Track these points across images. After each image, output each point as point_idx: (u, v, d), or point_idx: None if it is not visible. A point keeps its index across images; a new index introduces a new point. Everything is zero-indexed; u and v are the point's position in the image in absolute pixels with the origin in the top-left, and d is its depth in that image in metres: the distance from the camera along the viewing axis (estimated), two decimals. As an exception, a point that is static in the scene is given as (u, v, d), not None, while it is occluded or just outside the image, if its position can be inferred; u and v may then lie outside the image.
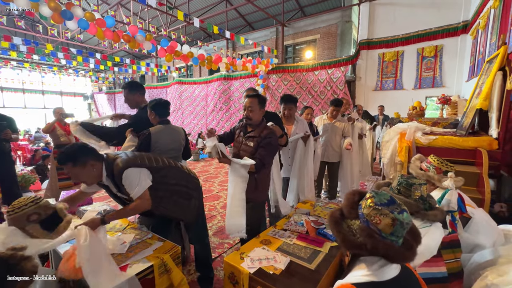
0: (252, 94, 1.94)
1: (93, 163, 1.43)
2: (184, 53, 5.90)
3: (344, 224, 0.85)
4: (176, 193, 1.67)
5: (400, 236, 0.75)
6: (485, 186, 2.07)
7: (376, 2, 7.05)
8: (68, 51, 8.83)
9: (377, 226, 0.75)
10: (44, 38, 10.91)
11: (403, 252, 0.74)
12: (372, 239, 0.74)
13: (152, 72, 10.85)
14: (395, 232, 0.74)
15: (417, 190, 1.15)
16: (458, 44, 5.96)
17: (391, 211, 0.74)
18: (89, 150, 1.45)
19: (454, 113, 4.17)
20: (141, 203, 1.47)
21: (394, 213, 0.74)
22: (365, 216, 0.78)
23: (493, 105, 2.38)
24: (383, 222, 0.74)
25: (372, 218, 0.77)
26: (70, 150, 1.37)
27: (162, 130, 1.95)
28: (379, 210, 0.75)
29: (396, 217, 0.73)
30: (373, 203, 0.77)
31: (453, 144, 2.49)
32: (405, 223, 0.73)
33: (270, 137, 1.83)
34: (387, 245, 0.73)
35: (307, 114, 3.18)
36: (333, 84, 7.57)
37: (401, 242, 0.76)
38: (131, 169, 1.46)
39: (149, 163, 1.56)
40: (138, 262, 1.35)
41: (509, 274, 0.91)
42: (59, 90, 16.78)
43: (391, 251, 0.73)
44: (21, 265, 0.70)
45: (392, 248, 0.73)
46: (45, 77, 14.26)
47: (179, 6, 10.54)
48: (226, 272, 1.40)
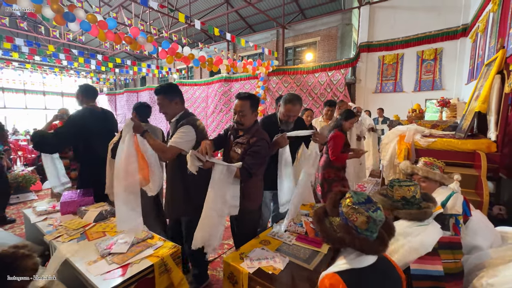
0: (244, 95, 1.70)
1: (177, 102, 1.80)
2: (185, 55, 5.93)
3: (327, 221, 0.95)
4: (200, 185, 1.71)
5: (374, 231, 0.86)
6: (483, 189, 2.08)
7: (376, 5, 7.09)
8: (69, 52, 8.87)
9: (354, 223, 0.86)
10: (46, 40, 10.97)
11: (376, 246, 0.85)
12: (350, 235, 0.85)
13: (153, 73, 10.89)
14: (370, 228, 0.85)
15: (398, 191, 1.23)
16: (458, 47, 5.99)
17: (366, 209, 0.85)
18: (179, 90, 1.83)
19: (454, 115, 4.18)
20: (167, 150, 1.62)
21: (369, 211, 0.84)
22: (344, 214, 0.89)
23: (491, 108, 2.40)
24: (359, 219, 0.85)
25: (349, 216, 0.87)
26: (164, 85, 1.77)
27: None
28: (356, 209, 0.86)
29: (370, 215, 0.84)
30: (351, 202, 0.88)
31: (452, 146, 2.51)
32: (378, 220, 0.84)
33: (259, 145, 1.62)
34: (362, 240, 0.84)
35: (306, 116, 3.16)
36: (333, 87, 7.60)
37: (376, 236, 0.87)
38: (192, 129, 1.70)
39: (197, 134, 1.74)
40: (138, 261, 1.37)
41: (505, 275, 0.93)
42: (60, 91, 16.83)
43: (365, 245, 0.84)
44: (22, 263, 0.71)
45: (366, 242, 0.84)
46: (46, 78, 14.29)
47: (180, 8, 10.60)
48: (226, 272, 1.42)
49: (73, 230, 1.71)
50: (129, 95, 14.06)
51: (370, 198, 0.88)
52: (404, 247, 1.11)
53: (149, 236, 1.62)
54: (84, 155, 2.33)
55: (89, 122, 2.24)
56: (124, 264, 1.33)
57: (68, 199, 2.05)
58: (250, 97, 1.71)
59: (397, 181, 1.29)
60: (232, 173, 1.54)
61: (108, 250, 1.44)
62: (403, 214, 1.18)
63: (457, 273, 1.07)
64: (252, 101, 1.70)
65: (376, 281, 0.85)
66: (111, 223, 1.83)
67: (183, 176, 1.71)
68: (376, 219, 0.83)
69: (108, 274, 1.26)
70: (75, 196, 2.11)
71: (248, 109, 1.68)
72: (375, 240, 0.86)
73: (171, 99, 1.77)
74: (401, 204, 1.22)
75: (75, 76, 14.31)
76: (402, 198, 1.23)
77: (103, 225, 1.79)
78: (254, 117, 1.74)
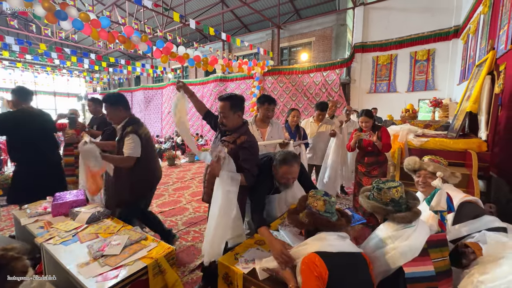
0: (223, 97, 1.69)
1: (121, 110, 2.03)
2: (179, 54, 5.89)
3: (299, 216, 1.24)
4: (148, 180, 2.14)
5: (333, 213, 1.19)
6: (474, 187, 2.11)
7: (370, 6, 7.16)
8: (62, 51, 8.74)
9: (315, 208, 1.19)
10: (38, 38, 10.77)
11: (336, 223, 1.15)
12: (314, 216, 1.16)
13: (147, 73, 10.80)
14: (327, 209, 1.17)
15: (386, 194, 1.22)
16: (450, 48, 6.09)
17: (322, 195, 1.20)
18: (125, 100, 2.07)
19: (446, 115, 4.25)
20: (125, 159, 1.91)
21: (324, 196, 1.19)
22: (308, 203, 1.24)
23: (482, 108, 2.45)
24: (318, 203, 1.19)
25: (312, 203, 1.21)
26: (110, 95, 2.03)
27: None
28: (315, 197, 1.22)
29: (325, 198, 1.19)
30: (312, 194, 1.24)
31: (444, 146, 2.55)
32: (332, 201, 1.19)
33: (245, 147, 1.62)
34: (324, 219, 1.15)
35: (293, 116, 3.02)
36: (328, 87, 7.65)
37: (336, 219, 1.18)
38: (136, 136, 1.95)
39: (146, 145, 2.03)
40: (132, 263, 1.35)
41: (495, 272, 0.94)
42: (53, 91, 16.54)
43: (327, 223, 1.14)
44: (11, 265, 0.70)
45: (328, 221, 1.14)
46: (38, 77, 14.04)
47: (175, 8, 10.53)
48: (221, 273, 1.41)
49: (65, 232, 1.68)
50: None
51: (326, 193, 1.22)
52: (392, 252, 1.11)
53: (143, 238, 1.60)
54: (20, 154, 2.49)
55: (22, 122, 2.41)
56: (117, 266, 1.31)
57: (60, 200, 2.01)
58: (229, 98, 1.69)
59: (382, 183, 1.27)
60: (237, 181, 1.53)
61: (100, 252, 1.41)
62: (398, 218, 1.16)
63: (446, 270, 1.08)
64: (232, 102, 1.67)
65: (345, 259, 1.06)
66: (104, 224, 1.80)
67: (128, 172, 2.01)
68: (330, 201, 1.18)
69: (101, 277, 1.24)
70: (67, 198, 2.08)
71: (228, 110, 1.66)
72: (335, 221, 1.16)
73: (116, 107, 2.02)
74: (392, 207, 1.21)
75: (68, 75, 14.11)
76: (391, 200, 1.21)
77: (96, 227, 1.76)
78: (237, 118, 1.71)
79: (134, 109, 13.04)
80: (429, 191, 1.51)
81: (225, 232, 1.53)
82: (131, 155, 1.93)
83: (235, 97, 1.71)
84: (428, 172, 1.58)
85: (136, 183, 2.04)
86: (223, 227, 1.51)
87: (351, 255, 1.08)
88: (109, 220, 1.89)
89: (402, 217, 1.16)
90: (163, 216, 3.37)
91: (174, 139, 9.58)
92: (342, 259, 1.05)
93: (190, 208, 3.61)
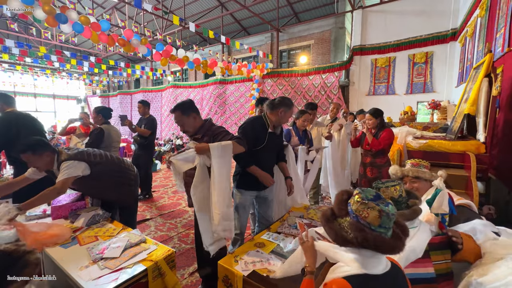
0: (172, 109, 1.76)
1: (48, 154, 1.79)
2: (179, 57, 5.92)
3: (336, 222, 0.88)
4: (114, 183, 2.02)
5: (388, 228, 0.80)
6: (473, 189, 2.13)
7: (369, 9, 7.22)
8: (61, 54, 8.76)
9: (365, 219, 0.80)
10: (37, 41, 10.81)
11: (392, 243, 0.78)
12: (362, 232, 0.79)
13: (147, 75, 10.83)
14: (383, 224, 0.78)
15: (385, 193, 1.21)
16: (448, 51, 6.13)
17: (377, 204, 0.79)
18: (46, 143, 1.83)
19: (444, 117, 4.27)
20: (59, 187, 1.72)
21: (380, 205, 0.79)
22: (354, 211, 0.83)
23: (480, 110, 2.47)
24: (371, 215, 0.79)
25: (360, 213, 0.81)
26: (30, 142, 1.76)
27: (110, 127, 3.10)
28: (366, 204, 0.80)
29: (382, 209, 0.78)
30: (360, 198, 0.82)
31: (442, 148, 2.56)
32: (391, 214, 0.79)
33: (217, 133, 1.72)
34: (376, 237, 0.77)
35: (303, 120, 2.77)
36: (327, 89, 7.68)
37: (391, 235, 0.80)
38: (72, 161, 1.80)
39: (88, 158, 1.89)
40: (131, 266, 1.35)
41: (493, 273, 0.95)
42: (52, 93, 16.55)
43: (380, 242, 0.77)
44: (25, 258, 0.73)
45: (381, 239, 0.77)
46: (37, 79, 14.05)
47: (175, 11, 10.59)
48: (220, 275, 1.41)
49: (64, 234, 1.67)
50: (123, 97, 13.92)
51: (379, 195, 0.84)
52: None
53: (143, 240, 1.60)
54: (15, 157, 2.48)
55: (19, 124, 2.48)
56: (116, 269, 1.31)
57: (59, 203, 2.01)
58: (177, 107, 1.76)
59: (381, 183, 1.27)
60: (229, 150, 1.58)
61: (100, 255, 1.41)
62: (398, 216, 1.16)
63: (448, 273, 1.08)
64: (181, 109, 1.75)
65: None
66: (103, 227, 1.80)
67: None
68: (389, 213, 0.78)
69: (100, 280, 1.24)
70: (66, 200, 2.07)
71: (181, 117, 1.75)
72: (390, 238, 0.79)
73: (40, 155, 1.77)
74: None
75: (68, 78, 14.12)
76: (391, 199, 1.21)
77: (96, 230, 1.76)
78: (193, 119, 1.78)
79: (134, 112, 13.05)
80: (421, 193, 1.53)
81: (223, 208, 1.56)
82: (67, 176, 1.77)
83: (182, 104, 1.79)
84: (411, 178, 1.62)
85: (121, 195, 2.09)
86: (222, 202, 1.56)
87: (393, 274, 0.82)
88: (108, 222, 1.88)
89: (400, 215, 1.13)
90: (163, 218, 3.36)
91: (173, 142, 9.58)
92: (386, 281, 0.80)
93: (189, 211, 3.60)
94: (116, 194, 2.06)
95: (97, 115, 3.20)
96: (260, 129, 1.95)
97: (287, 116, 1.98)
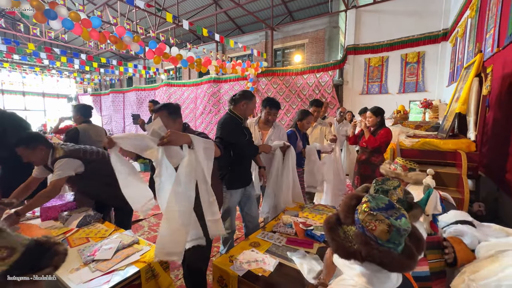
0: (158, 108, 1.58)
1: (42, 148, 1.78)
2: (173, 55, 5.84)
3: (341, 230, 0.80)
4: (107, 183, 1.84)
5: (398, 244, 0.70)
6: (464, 187, 2.16)
7: (362, 9, 7.27)
8: (51, 51, 8.53)
9: (372, 232, 0.70)
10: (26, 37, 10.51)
11: (401, 260, 0.68)
12: (367, 246, 0.70)
13: (140, 74, 10.67)
14: (392, 239, 0.69)
15: (394, 195, 1.15)
16: (439, 50, 6.23)
17: (388, 216, 0.69)
18: (41, 137, 1.84)
19: (436, 116, 4.34)
20: (50, 189, 1.73)
21: (391, 218, 0.69)
22: (361, 222, 0.74)
23: (470, 109, 2.51)
24: (378, 228, 0.69)
25: (367, 224, 0.72)
26: (24, 136, 1.79)
27: (89, 127, 2.77)
28: (374, 216, 0.71)
29: (393, 223, 0.68)
30: (368, 208, 0.73)
31: (434, 146, 2.60)
32: (402, 229, 0.68)
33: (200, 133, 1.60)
34: (383, 252, 0.68)
35: (307, 122, 2.69)
36: (322, 88, 7.71)
37: (401, 250, 0.70)
38: (66, 159, 1.80)
39: (84, 155, 1.90)
40: (124, 267, 1.32)
41: (485, 269, 0.96)
42: (41, 91, 16.16)
43: (387, 259, 0.67)
44: (54, 248, 0.82)
45: (388, 255, 0.68)
46: (26, 77, 13.68)
47: (168, 8, 10.45)
48: (215, 276, 1.40)
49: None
50: (115, 96, 13.67)
51: (392, 203, 0.74)
52: None
53: (135, 241, 1.57)
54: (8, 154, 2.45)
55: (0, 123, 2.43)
56: (108, 271, 1.28)
57: (48, 204, 1.96)
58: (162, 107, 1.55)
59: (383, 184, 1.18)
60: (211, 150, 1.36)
61: (91, 257, 1.38)
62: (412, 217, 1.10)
63: (441, 271, 1.10)
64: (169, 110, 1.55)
65: None
66: (95, 228, 1.76)
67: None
68: (400, 228, 0.67)
69: (92, 282, 1.21)
70: (56, 201, 2.02)
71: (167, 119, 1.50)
72: (399, 254, 0.69)
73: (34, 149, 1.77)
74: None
75: (58, 76, 13.78)
76: (398, 200, 1.12)
77: (87, 231, 1.72)
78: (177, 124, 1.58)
79: (126, 110, 12.83)
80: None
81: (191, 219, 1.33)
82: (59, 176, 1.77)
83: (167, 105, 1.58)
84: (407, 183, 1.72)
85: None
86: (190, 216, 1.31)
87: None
88: (100, 223, 1.85)
89: (414, 215, 1.10)
90: (156, 218, 3.32)
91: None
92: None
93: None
94: (110, 193, 1.97)
95: (76, 114, 3.00)
96: (237, 125, 2.05)
97: (250, 108, 2.08)
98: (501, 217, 2.29)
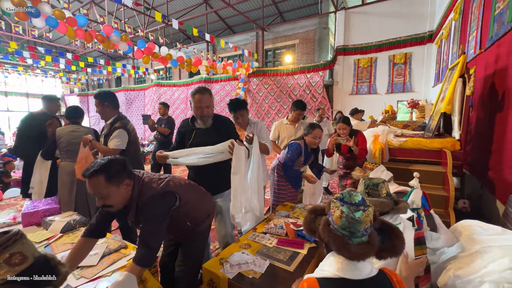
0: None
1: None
2: (162, 55, 5.76)
3: (319, 218, 0.91)
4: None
5: (351, 232, 0.76)
6: (449, 184, 2.22)
7: (351, 10, 7.38)
8: (35, 50, 8.25)
9: (332, 217, 0.81)
10: (8, 36, 10.12)
11: (355, 250, 0.74)
12: (325, 227, 0.81)
13: (128, 73, 10.46)
14: (343, 225, 0.76)
15: (383, 188, 1.28)
16: (425, 52, 6.40)
17: (343, 204, 0.78)
18: (114, 98, 2.19)
19: (422, 116, 4.45)
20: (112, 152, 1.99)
21: (344, 206, 0.78)
22: (330, 208, 0.84)
23: (455, 109, 2.58)
24: (335, 213, 0.79)
25: (331, 210, 0.82)
26: (104, 92, 2.17)
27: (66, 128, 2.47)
28: (335, 203, 0.81)
29: (345, 210, 0.76)
30: (337, 197, 0.83)
31: (421, 145, 2.66)
32: (350, 217, 0.75)
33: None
34: (336, 236, 0.77)
35: (313, 137, 2.30)
36: (312, 88, 7.79)
37: (356, 242, 0.76)
38: (124, 131, 2.10)
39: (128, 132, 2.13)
40: (110, 274, 1.28)
41: (469, 266, 0.99)
42: (25, 92, 15.60)
43: (341, 244, 0.75)
44: (58, 268, 0.83)
45: (341, 241, 0.76)
46: (8, 77, 13.18)
47: (157, 7, 10.29)
48: (205, 279, 1.38)
49: (35, 243, 1.56)
50: (103, 96, 13.35)
51: (363, 201, 0.80)
52: None
53: (123, 246, 1.53)
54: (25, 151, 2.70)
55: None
56: (94, 278, 1.24)
57: (30, 209, 1.88)
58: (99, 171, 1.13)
59: (372, 179, 1.33)
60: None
61: (76, 263, 1.33)
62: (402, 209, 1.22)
63: (426, 267, 1.12)
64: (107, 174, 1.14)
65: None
66: (80, 233, 1.70)
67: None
68: (349, 216, 0.75)
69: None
70: (39, 206, 1.95)
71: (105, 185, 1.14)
72: (355, 245, 0.75)
73: (103, 104, 2.11)
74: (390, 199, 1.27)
75: (42, 75, 13.34)
76: (387, 194, 1.27)
77: (71, 236, 1.66)
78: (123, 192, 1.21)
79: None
80: None
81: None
82: (118, 147, 2.03)
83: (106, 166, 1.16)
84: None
85: None
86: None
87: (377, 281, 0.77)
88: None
89: (404, 207, 1.20)
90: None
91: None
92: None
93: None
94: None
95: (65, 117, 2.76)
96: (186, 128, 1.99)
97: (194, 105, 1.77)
98: (484, 214, 2.36)
